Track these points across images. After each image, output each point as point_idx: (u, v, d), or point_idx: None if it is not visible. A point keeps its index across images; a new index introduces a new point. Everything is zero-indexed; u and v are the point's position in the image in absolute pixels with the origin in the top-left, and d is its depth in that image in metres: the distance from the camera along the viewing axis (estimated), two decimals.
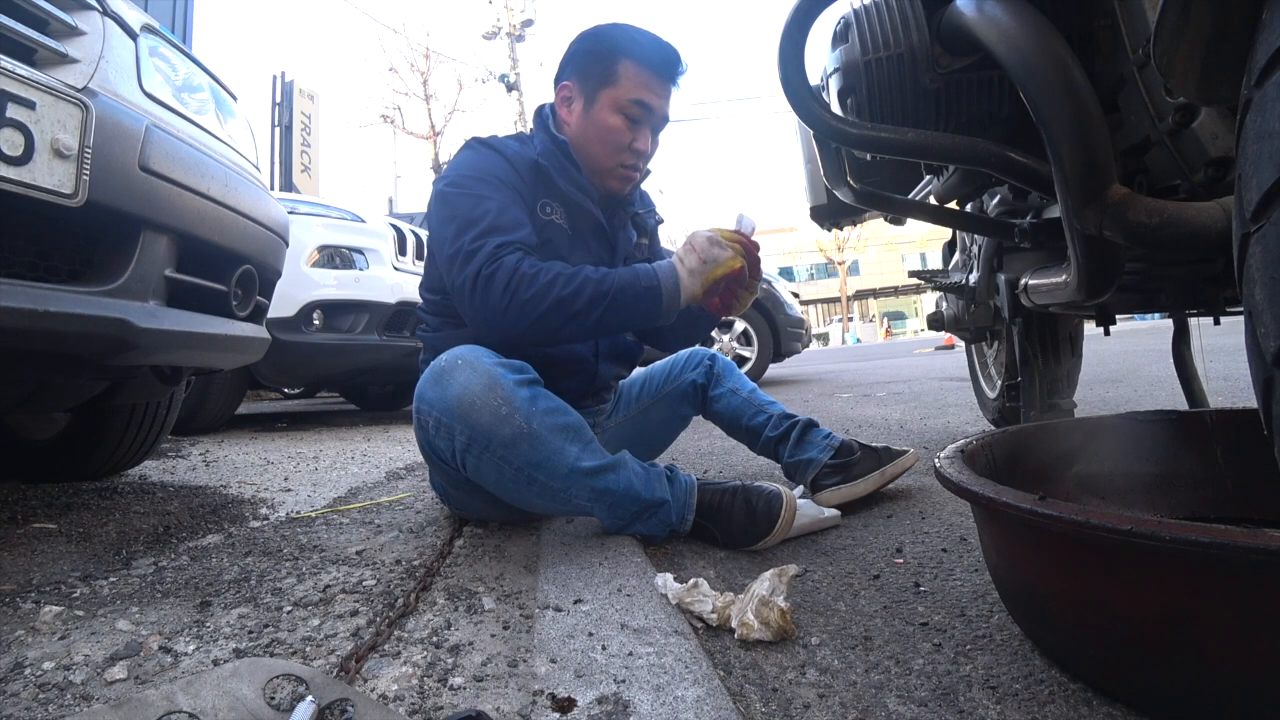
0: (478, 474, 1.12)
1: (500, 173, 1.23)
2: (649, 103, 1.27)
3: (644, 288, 1.14)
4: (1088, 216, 0.91)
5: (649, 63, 1.26)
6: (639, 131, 1.29)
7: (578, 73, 1.29)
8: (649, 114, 1.28)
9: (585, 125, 1.28)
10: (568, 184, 1.29)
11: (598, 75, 1.27)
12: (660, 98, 1.29)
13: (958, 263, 2.08)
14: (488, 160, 1.25)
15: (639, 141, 1.29)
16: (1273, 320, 0.40)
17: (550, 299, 1.10)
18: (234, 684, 0.62)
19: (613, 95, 1.26)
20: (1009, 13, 0.94)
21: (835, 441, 1.43)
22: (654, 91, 1.27)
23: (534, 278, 1.11)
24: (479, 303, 1.13)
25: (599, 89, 1.26)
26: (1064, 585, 0.64)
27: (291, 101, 11.95)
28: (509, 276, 1.10)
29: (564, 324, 1.12)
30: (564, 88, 1.31)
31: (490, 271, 1.11)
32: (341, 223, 3.33)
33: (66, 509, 1.54)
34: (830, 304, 39.78)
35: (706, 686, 0.65)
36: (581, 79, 1.29)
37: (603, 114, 1.26)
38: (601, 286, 1.12)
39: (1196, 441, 1.02)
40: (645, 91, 1.26)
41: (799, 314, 5.18)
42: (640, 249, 1.48)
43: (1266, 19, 0.41)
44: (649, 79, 1.27)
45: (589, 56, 1.28)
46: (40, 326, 0.95)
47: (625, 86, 1.25)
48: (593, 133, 1.28)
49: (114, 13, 1.17)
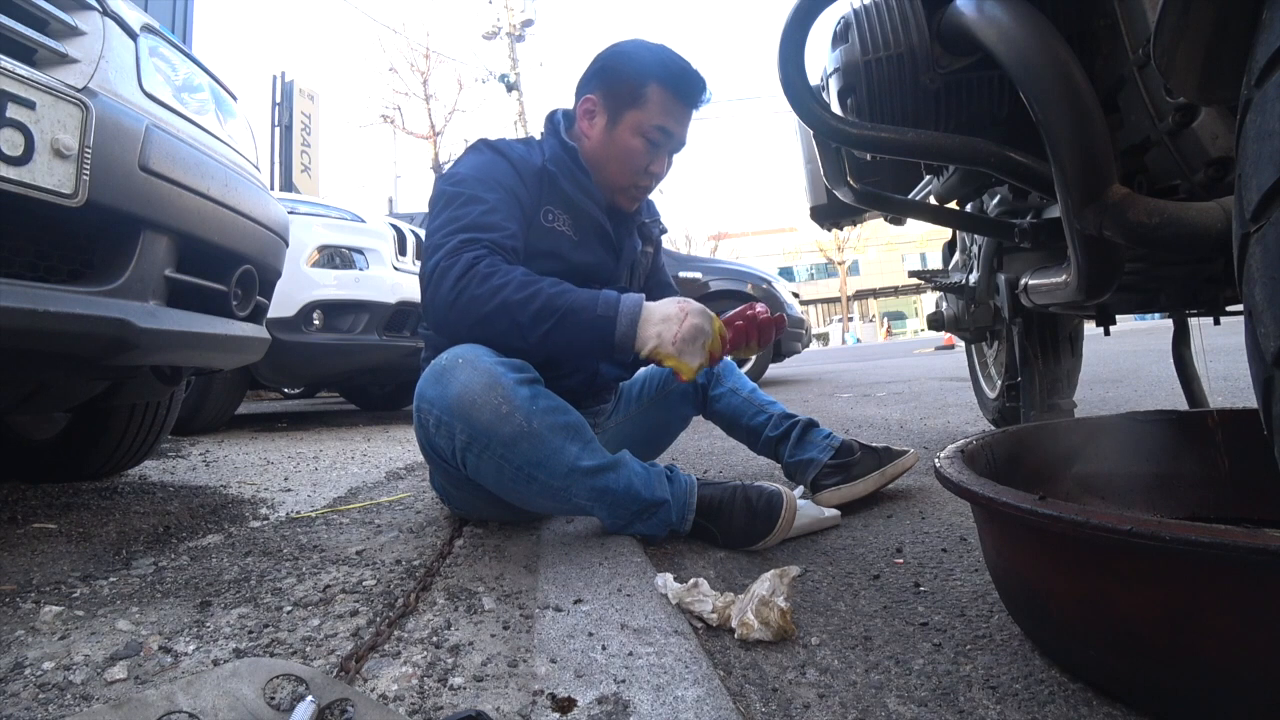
0: (478, 473, 1.12)
1: (501, 176, 1.23)
2: (671, 129, 1.28)
3: (598, 316, 1.09)
4: (1088, 216, 0.91)
5: (677, 90, 1.27)
6: (657, 155, 1.30)
7: (604, 88, 1.29)
8: (669, 139, 1.29)
9: (606, 142, 1.29)
10: (575, 189, 1.29)
11: (625, 95, 1.27)
12: (682, 124, 1.30)
13: (958, 263, 2.08)
14: (491, 163, 1.25)
15: (655, 165, 1.31)
16: (1273, 320, 0.40)
17: (497, 301, 1.08)
18: (234, 684, 0.62)
19: (637, 118, 1.26)
20: (1009, 13, 0.94)
21: (835, 441, 1.43)
22: (677, 118, 1.28)
23: (487, 276, 1.09)
24: (430, 294, 1.13)
25: (624, 109, 1.27)
26: (1064, 585, 0.64)
27: (291, 101, 11.96)
28: (464, 270, 1.09)
29: (507, 330, 1.09)
30: (588, 100, 1.30)
31: (448, 265, 1.10)
32: (341, 223, 3.33)
33: (66, 509, 1.54)
34: (830, 304, 39.79)
35: (706, 686, 0.65)
36: (607, 96, 1.28)
37: (625, 135, 1.27)
38: (555, 301, 1.08)
39: (1197, 441, 1.02)
40: (669, 118, 1.27)
41: (799, 314, 5.19)
42: (645, 256, 1.49)
43: (1266, 19, 0.40)
44: (674, 106, 1.27)
45: (618, 75, 1.28)
46: (40, 326, 0.95)
47: (651, 111, 1.26)
48: (613, 151, 1.29)
49: (114, 13, 1.17)
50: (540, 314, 1.08)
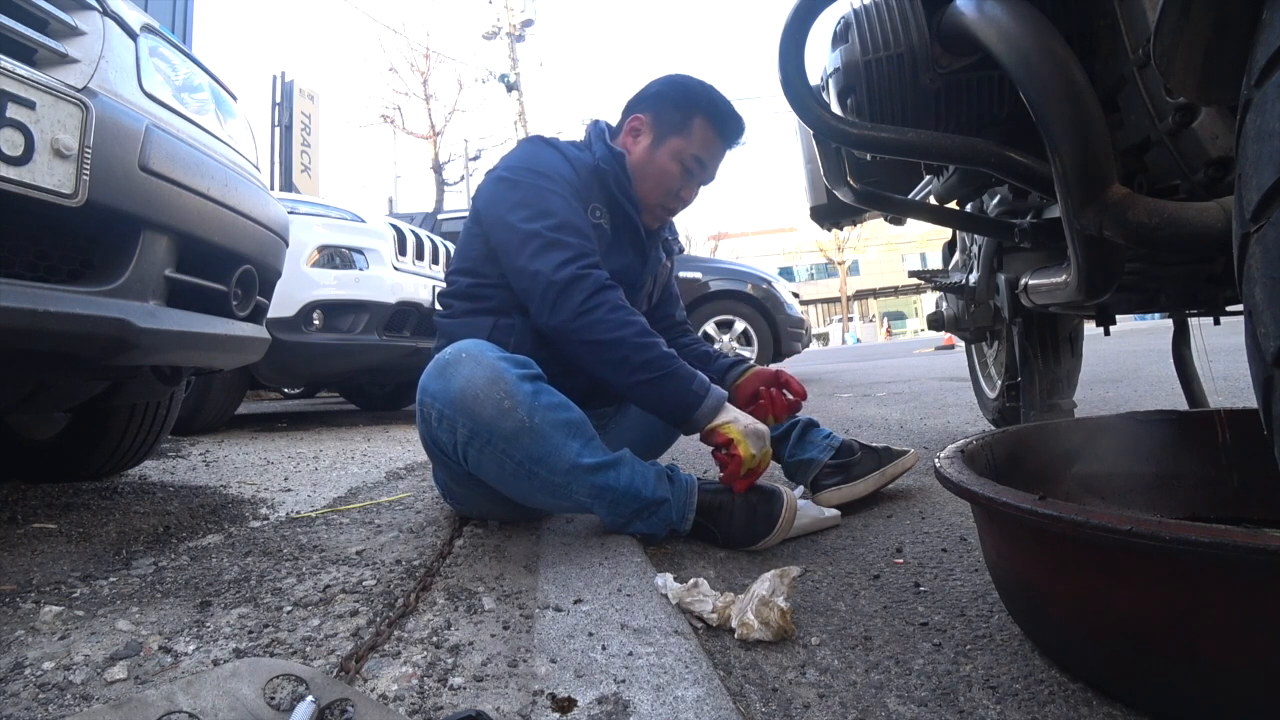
0: (479, 468, 1.12)
1: (561, 170, 1.28)
2: (707, 162, 1.37)
3: (691, 390, 1.16)
4: (1088, 216, 0.91)
5: (720, 127, 1.35)
6: (690, 183, 1.38)
7: (653, 112, 1.37)
8: (703, 171, 1.38)
9: (645, 161, 1.36)
10: (620, 191, 1.35)
11: (673, 122, 1.34)
12: (716, 159, 1.39)
13: (958, 263, 2.08)
14: (549, 157, 1.30)
15: (686, 191, 1.39)
16: (1273, 320, 0.40)
17: (618, 335, 1.15)
18: (234, 684, 0.62)
19: (679, 145, 1.34)
20: (1009, 13, 0.94)
21: (836, 441, 1.43)
22: (714, 153, 1.37)
23: (616, 308, 1.17)
24: (552, 298, 1.16)
25: (669, 134, 1.34)
26: (1064, 585, 0.64)
27: (291, 101, 11.95)
28: (594, 290, 1.15)
29: (613, 363, 1.16)
30: (636, 119, 1.38)
31: (582, 274, 1.16)
32: (341, 223, 3.33)
33: (66, 509, 1.53)
34: (830, 304, 39.79)
35: (706, 686, 0.65)
36: (656, 119, 1.36)
37: (664, 158, 1.35)
38: (664, 362, 1.16)
39: (1197, 441, 1.02)
40: (707, 151, 1.36)
41: (799, 314, 5.18)
42: (664, 270, 1.56)
43: (1266, 19, 0.40)
44: (715, 142, 1.36)
45: (669, 102, 1.35)
46: (40, 326, 0.95)
47: (693, 142, 1.34)
48: (651, 170, 1.36)
49: (114, 13, 1.17)
50: (648, 365, 1.15)
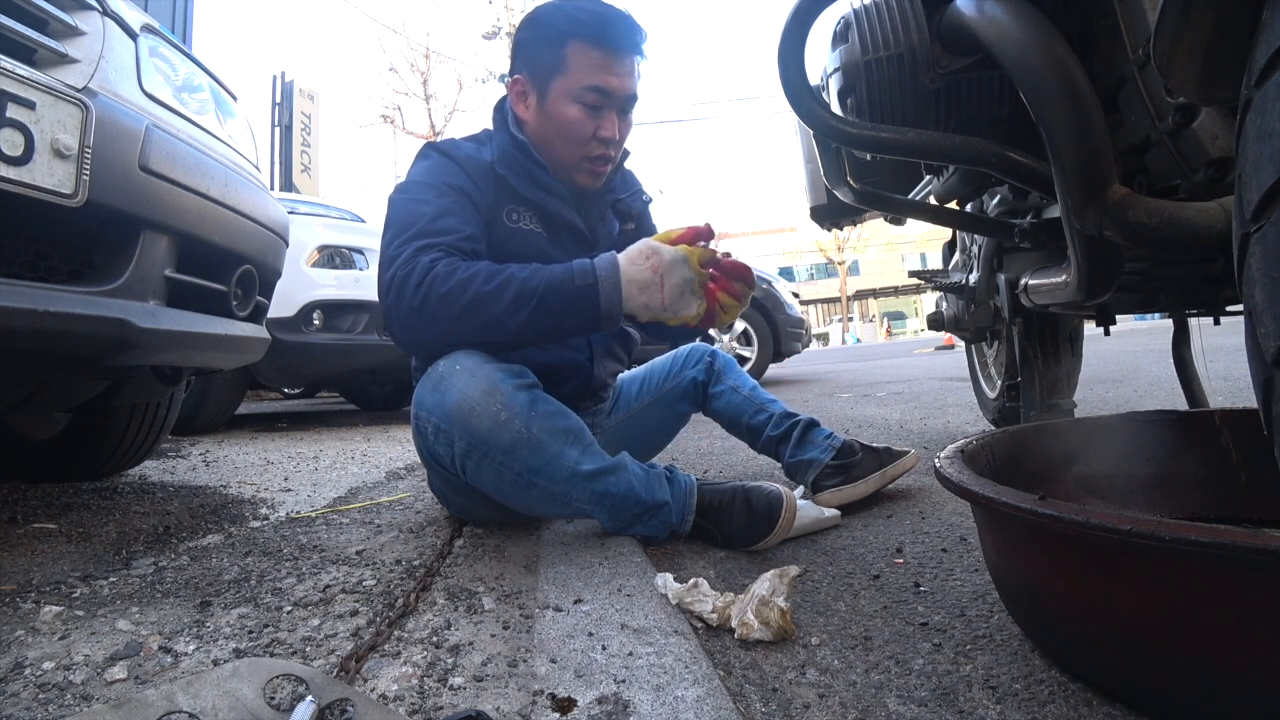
0: (478, 479, 1.11)
1: (451, 178, 1.18)
2: (607, 86, 1.16)
3: (577, 288, 1.02)
4: (1088, 216, 0.91)
5: (599, 40, 1.15)
6: (602, 118, 1.19)
7: (527, 64, 1.21)
8: (608, 97, 1.18)
9: (542, 120, 1.20)
10: (531, 188, 1.22)
11: (547, 64, 1.17)
12: (620, 76, 1.17)
13: (958, 263, 2.08)
14: (439, 167, 1.20)
15: (604, 129, 1.19)
16: (1273, 320, 0.40)
17: (468, 297, 1.02)
18: (234, 684, 0.62)
19: (565, 84, 1.16)
20: (1009, 13, 0.94)
21: (837, 442, 1.43)
22: (611, 71, 1.16)
23: (449, 274, 1.03)
24: (392, 307, 1.07)
25: (550, 79, 1.17)
26: (1064, 585, 0.64)
27: (291, 101, 11.96)
28: (422, 275, 1.03)
29: (485, 325, 1.04)
30: (516, 82, 1.23)
31: (405, 274, 1.05)
32: (341, 223, 3.33)
33: (66, 509, 1.54)
34: (830, 304, 39.81)
35: (706, 686, 0.65)
36: (531, 70, 1.20)
37: (558, 106, 1.17)
38: (529, 283, 1.02)
39: (1197, 441, 1.02)
40: (601, 74, 1.16)
41: (799, 314, 5.18)
42: (626, 237, 1.37)
43: (1266, 19, 0.40)
44: (603, 59, 1.16)
45: (535, 44, 1.19)
46: (40, 326, 0.95)
47: (577, 73, 1.15)
48: (551, 128, 1.20)
49: (114, 13, 1.17)
50: (517, 300, 1.02)
